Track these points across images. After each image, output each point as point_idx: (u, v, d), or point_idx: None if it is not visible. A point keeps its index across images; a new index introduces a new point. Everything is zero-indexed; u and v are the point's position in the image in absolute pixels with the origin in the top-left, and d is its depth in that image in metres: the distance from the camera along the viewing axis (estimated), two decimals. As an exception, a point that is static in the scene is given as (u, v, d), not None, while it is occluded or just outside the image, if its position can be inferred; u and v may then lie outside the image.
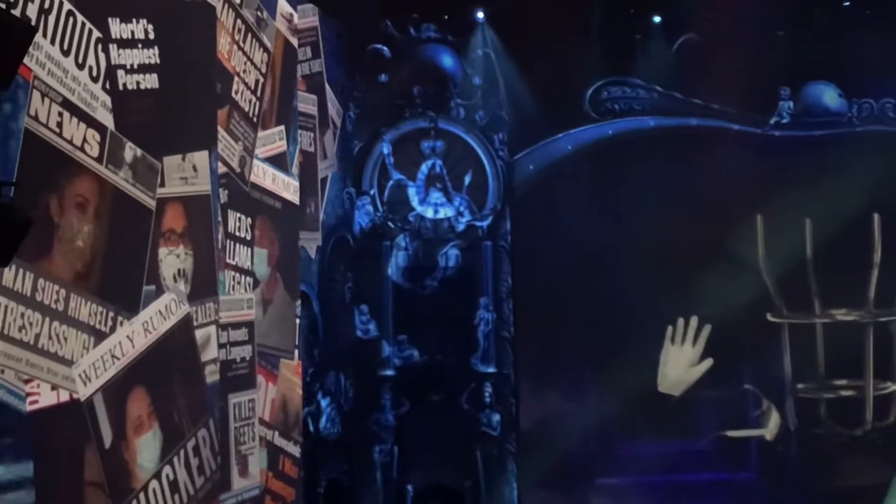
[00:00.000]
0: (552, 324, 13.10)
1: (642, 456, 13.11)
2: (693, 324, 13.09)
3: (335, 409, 12.17)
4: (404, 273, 12.91)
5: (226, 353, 10.23)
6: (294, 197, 11.47)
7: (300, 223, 11.62)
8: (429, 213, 12.99)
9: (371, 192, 12.94)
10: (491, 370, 12.84)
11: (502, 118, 13.12)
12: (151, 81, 9.39)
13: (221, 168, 10.27)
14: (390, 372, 12.73)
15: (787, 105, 13.46)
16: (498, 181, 13.08)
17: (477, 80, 13.09)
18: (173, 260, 9.62)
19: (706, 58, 12.98)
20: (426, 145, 13.04)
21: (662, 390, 13.16)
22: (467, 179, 13.05)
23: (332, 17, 12.28)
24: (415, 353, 12.80)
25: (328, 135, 12.33)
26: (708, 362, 13.06)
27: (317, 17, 12.09)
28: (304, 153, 11.74)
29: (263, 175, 11.04)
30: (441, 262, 12.96)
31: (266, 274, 11.11)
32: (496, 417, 12.80)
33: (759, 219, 13.10)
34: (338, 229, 12.58)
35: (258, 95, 10.99)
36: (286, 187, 11.42)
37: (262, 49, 11.06)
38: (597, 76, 13.30)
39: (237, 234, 10.58)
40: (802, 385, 13.23)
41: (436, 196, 13.02)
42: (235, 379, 10.36)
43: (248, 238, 10.72)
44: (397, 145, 13.00)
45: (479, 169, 13.07)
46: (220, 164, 10.25)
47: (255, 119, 10.95)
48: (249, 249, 10.74)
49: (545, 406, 12.95)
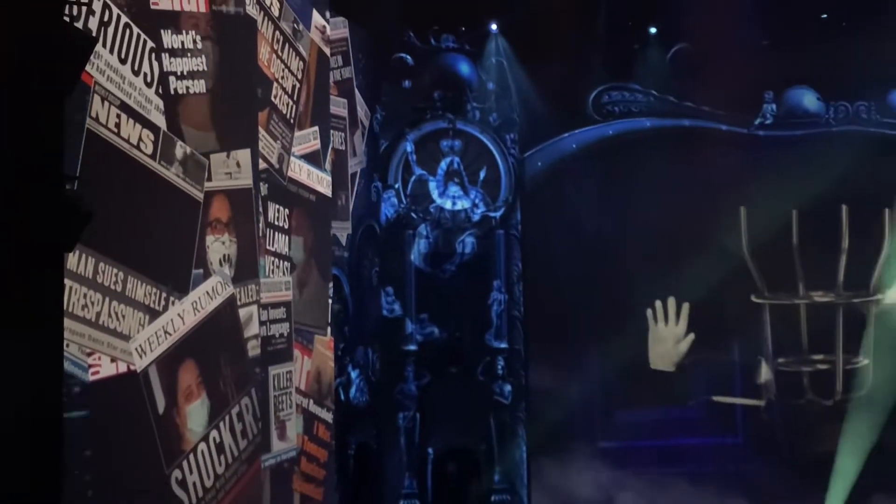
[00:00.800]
0: (558, 304, 13.08)
1: (639, 422, 13.08)
2: (672, 303, 13.04)
3: (364, 380, 12.18)
4: (425, 259, 12.89)
5: (266, 330, 10.26)
6: (327, 190, 11.47)
7: (332, 214, 11.63)
8: (447, 205, 12.96)
9: (396, 186, 12.92)
10: (503, 345, 12.82)
11: (514, 119, 13.08)
12: (199, 87, 9.40)
13: (262, 164, 10.27)
14: (413, 347, 12.72)
15: (771, 107, 13.39)
16: (510, 176, 13.04)
17: (491, 86, 13.06)
18: (219, 246, 9.64)
19: (697, 65, 12.93)
20: (445, 144, 13.01)
21: (654, 367, 13.12)
22: (482, 174, 13.02)
23: (361, 29, 12.26)
24: (435, 330, 12.79)
25: (357, 134, 12.32)
26: (691, 337, 13.01)
27: (347, 29, 12.07)
28: (336, 151, 11.73)
29: (299, 171, 11.04)
30: (458, 249, 12.93)
31: (302, 259, 11.12)
32: (508, 388, 12.79)
33: (743, 210, 13.04)
34: (366, 219, 12.57)
35: (295, 99, 10.99)
36: (320, 182, 11.42)
37: (298, 57, 11.05)
38: (599, 81, 13.25)
39: (276, 224, 10.58)
40: (783, 359, 13.18)
41: (454, 189, 12.99)
42: (275, 353, 10.39)
43: (286, 227, 10.72)
44: (419, 144, 12.98)
45: (493, 165, 13.04)
46: (261, 161, 10.26)
47: (292, 120, 10.95)
48: (287, 237, 10.75)
49: (552, 377, 12.91)
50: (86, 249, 7.98)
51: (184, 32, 9.20)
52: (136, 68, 8.64)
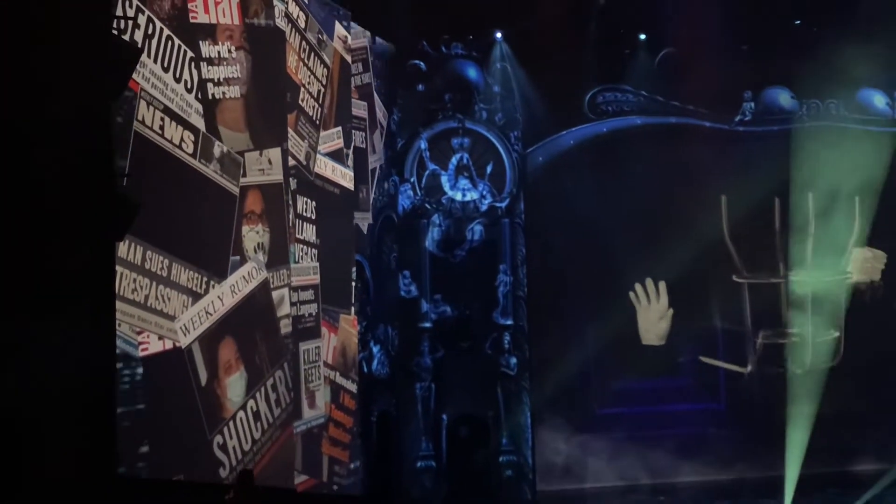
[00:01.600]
0: (558, 284, 13.07)
1: (633, 390, 13.08)
2: (650, 284, 13.04)
3: (384, 354, 12.20)
4: (438, 245, 12.89)
5: (296, 310, 10.29)
6: (349, 184, 11.46)
7: (354, 205, 11.68)
8: (458, 197, 12.95)
9: (411, 180, 12.92)
10: (509, 322, 12.82)
11: (517, 119, 13.05)
12: (234, 92, 9.42)
13: (291, 161, 10.29)
14: (428, 324, 12.72)
15: (750, 105, 13.34)
16: (514, 170, 13.02)
17: (496, 88, 13.02)
18: (254, 236, 9.66)
19: (683, 68, 12.89)
20: (455, 141, 13.00)
21: (646, 343, 13.13)
22: (489, 169, 13.00)
23: (380, 39, 12.27)
24: (447, 309, 12.79)
25: (376, 134, 12.32)
26: (670, 312, 12.99)
27: (367, 39, 12.07)
28: (357, 149, 11.72)
29: (325, 167, 11.05)
30: (468, 236, 12.93)
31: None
32: (513, 360, 12.79)
33: (724, 198, 13.01)
34: (385, 210, 12.57)
35: (320, 102, 10.99)
36: (343, 177, 11.42)
37: (323, 65, 11.05)
38: (593, 84, 13.21)
39: (304, 215, 10.60)
40: (763, 332, 13.16)
41: (463, 183, 12.98)
42: (304, 330, 10.42)
43: (313, 217, 10.78)
44: (432, 142, 12.96)
45: (499, 160, 13.01)
46: (290, 158, 10.28)
47: (318, 121, 10.96)
48: (314, 227, 10.81)
49: (553, 351, 12.91)
50: (134, 239, 8.02)
51: (220, 43, 9.21)
52: (178, 76, 8.66)
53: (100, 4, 7.78)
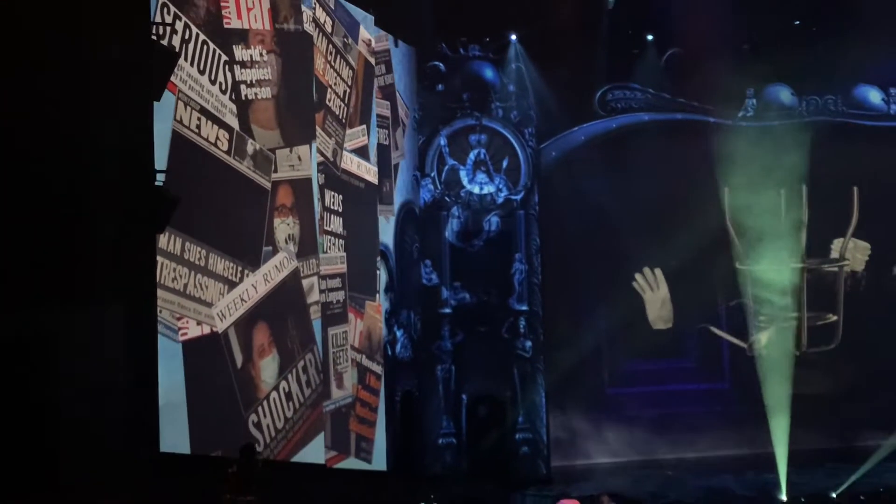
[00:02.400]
0: (571, 272, 13.05)
1: (641, 371, 13.08)
2: (648, 273, 13.03)
3: (407, 338, 12.23)
4: (458, 235, 12.89)
5: (325, 297, 10.35)
6: (374, 179, 11.50)
7: (379, 199, 11.71)
8: (476, 190, 12.95)
9: (432, 175, 12.92)
10: (524, 308, 12.82)
11: (531, 116, 13.02)
12: (266, 93, 9.47)
13: (319, 158, 10.34)
14: (448, 310, 12.74)
15: (752, 102, 13.27)
16: (528, 164, 13.00)
17: (511, 88, 13.00)
18: (285, 227, 9.72)
19: (688, 67, 12.83)
20: (473, 138, 12.99)
21: (655, 327, 13.12)
22: (505, 163, 12.98)
23: (401, 42, 12.27)
24: (466, 296, 12.81)
25: (399, 131, 12.33)
26: (668, 296, 12.98)
27: (389, 41, 12.08)
28: (381, 146, 11.75)
29: (350, 163, 11.08)
30: (485, 227, 12.92)
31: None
32: (528, 343, 12.79)
33: (727, 190, 12.95)
34: (407, 203, 12.59)
35: (346, 102, 11.02)
36: (368, 172, 11.45)
37: (348, 67, 11.07)
38: (603, 82, 13.17)
39: (332, 208, 10.64)
40: (763, 315, 13.12)
41: (481, 177, 12.98)
42: (332, 316, 10.47)
43: (340, 210, 10.82)
44: (451, 138, 12.96)
45: (514, 155, 13.00)
46: (318, 155, 10.33)
47: (344, 120, 10.98)
48: (341, 219, 10.84)
49: (565, 334, 12.91)
50: (174, 231, 8.09)
51: (252, 47, 9.26)
52: (213, 78, 8.71)
53: (140, 12, 7.84)
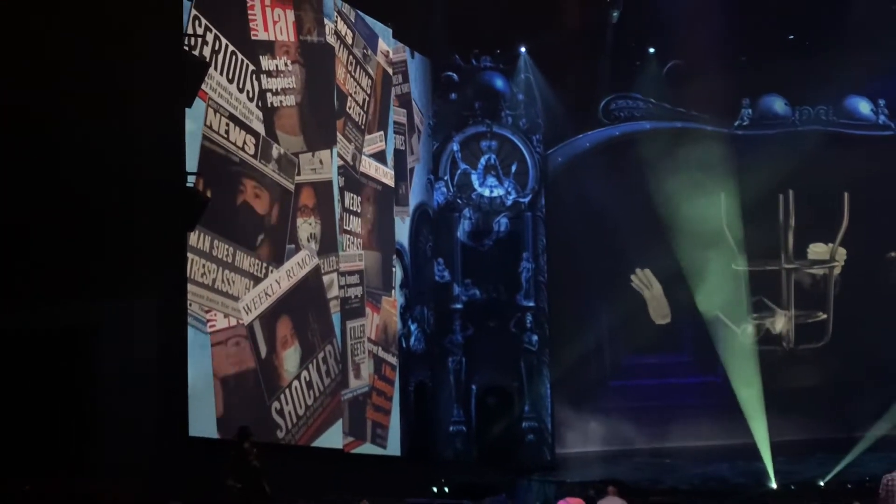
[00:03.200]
0: (575, 271, 13.04)
1: (641, 364, 13.06)
2: (640, 273, 13.03)
3: (421, 332, 12.27)
4: (469, 235, 12.93)
5: (344, 292, 10.39)
6: (391, 182, 11.54)
7: (395, 201, 11.74)
8: (486, 193, 12.98)
9: (445, 178, 12.95)
10: (531, 304, 12.83)
11: (539, 123, 13.04)
12: (290, 101, 9.52)
13: (339, 162, 10.38)
14: (459, 305, 12.77)
15: (747, 111, 13.24)
16: (536, 169, 13.02)
17: (520, 97, 13.02)
18: (307, 227, 9.76)
19: (688, 78, 12.82)
20: (484, 144, 13.01)
21: (657, 323, 13.11)
22: (514, 168, 13.01)
23: (417, 53, 12.31)
24: (477, 292, 12.83)
25: (414, 137, 12.36)
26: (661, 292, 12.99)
27: (406, 53, 12.11)
28: (397, 151, 11.78)
29: (369, 167, 11.12)
30: (495, 228, 12.95)
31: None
32: (535, 337, 12.81)
33: (723, 195, 12.92)
34: (422, 205, 12.62)
35: (365, 109, 11.06)
36: (385, 175, 11.48)
37: (367, 76, 11.11)
38: (607, 92, 13.17)
39: (351, 209, 10.68)
40: (756, 314, 13.08)
41: (491, 180, 13.01)
42: (351, 310, 10.52)
43: (358, 211, 10.85)
44: (463, 144, 12.99)
45: (522, 160, 13.02)
46: (339, 159, 10.37)
47: (363, 126, 11.02)
48: (359, 219, 10.86)
49: (570, 329, 12.90)
50: (203, 229, 8.14)
51: (278, 57, 9.31)
52: (241, 86, 8.76)
53: (172, 24, 7.90)
